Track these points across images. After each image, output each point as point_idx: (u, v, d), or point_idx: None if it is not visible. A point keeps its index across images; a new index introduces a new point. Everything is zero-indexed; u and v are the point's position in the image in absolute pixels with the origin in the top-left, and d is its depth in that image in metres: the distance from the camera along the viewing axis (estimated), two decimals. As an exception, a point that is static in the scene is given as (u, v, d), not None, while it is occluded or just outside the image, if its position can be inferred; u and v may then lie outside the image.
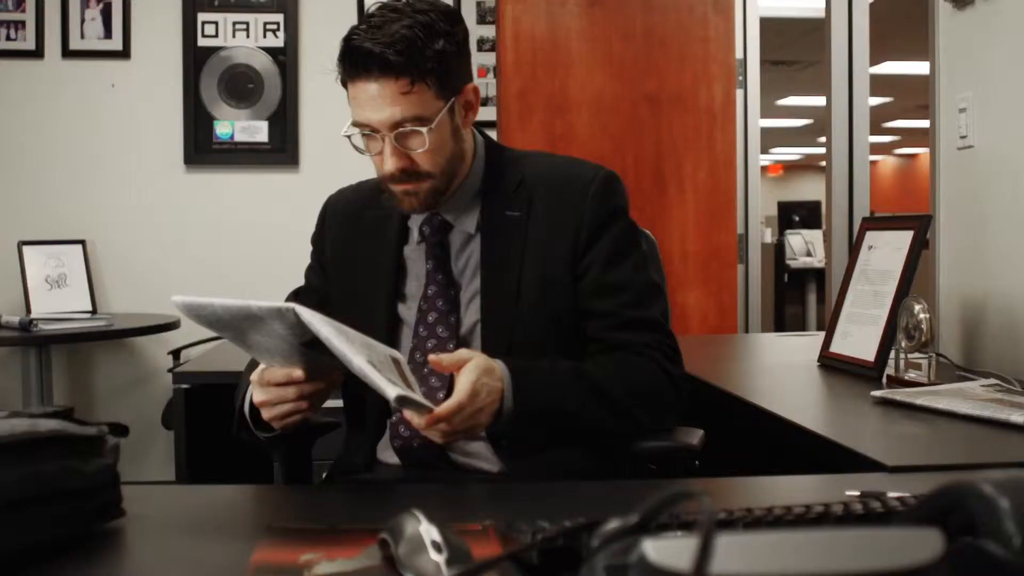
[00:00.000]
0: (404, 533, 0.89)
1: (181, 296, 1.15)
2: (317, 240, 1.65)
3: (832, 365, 2.19)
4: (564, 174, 1.53)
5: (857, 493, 1.13)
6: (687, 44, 3.60)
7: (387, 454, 1.51)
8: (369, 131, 1.41)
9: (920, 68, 8.79)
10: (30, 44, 3.75)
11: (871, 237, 2.23)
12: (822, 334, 2.88)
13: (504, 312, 1.47)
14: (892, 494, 1.04)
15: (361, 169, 1.59)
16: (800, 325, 7.17)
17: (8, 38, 3.75)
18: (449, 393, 1.31)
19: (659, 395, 1.47)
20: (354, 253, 1.58)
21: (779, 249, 7.19)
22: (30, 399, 3.29)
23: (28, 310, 3.52)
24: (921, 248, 2.06)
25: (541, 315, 1.47)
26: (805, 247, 7.59)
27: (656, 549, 0.55)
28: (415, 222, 1.54)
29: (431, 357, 1.28)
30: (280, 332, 1.16)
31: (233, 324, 1.17)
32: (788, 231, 7.79)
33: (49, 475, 0.94)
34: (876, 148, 9.87)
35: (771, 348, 2.88)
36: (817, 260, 7.53)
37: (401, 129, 1.38)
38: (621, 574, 0.58)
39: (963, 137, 2.28)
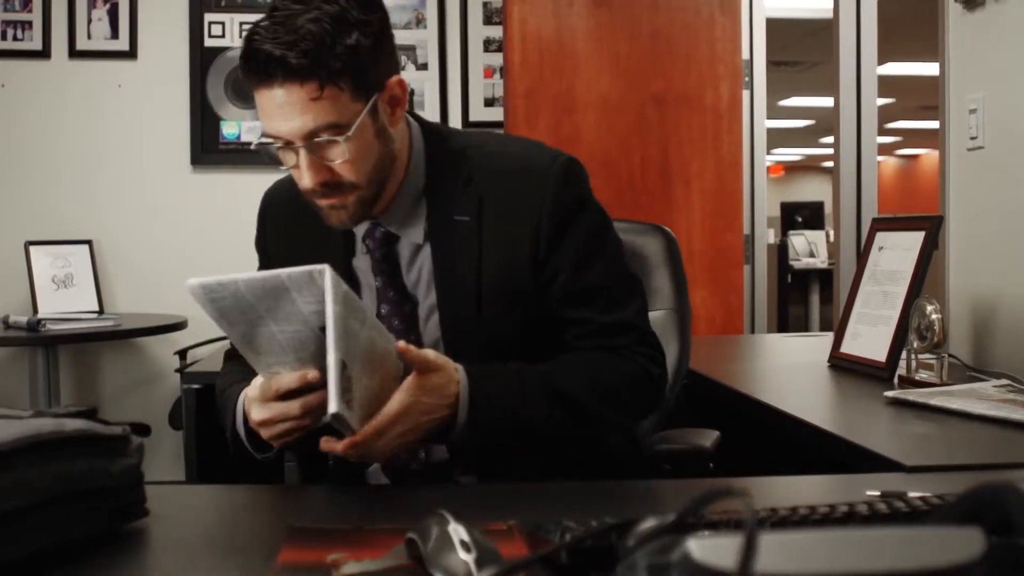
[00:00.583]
0: (432, 533, 0.89)
1: (198, 278, 1.07)
2: (260, 244, 1.51)
3: (842, 366, 2.19)
4: (517, 165, 1.36)
5: (878, 493, 1.14)
6: (694, 45, 3.60)
7: (377, 475, 1.44)
8: (282, 143, 1.25)
9: (922, 69, 8.81)
10: (37, 44, 3.75)
11: (881, 238, 2.23)
12: (830, 335, 2.89)
13: (465, 327, 1.35)
14: (913, 494, 1.04)
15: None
16: (803, 326, 7.17)
17: (15, 38, 3.75)
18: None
19: (636, 396, 1.38)
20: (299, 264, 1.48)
21: (782, 250, 7.19)
22: (37, 399, 3.29)
23: (35, 310, 3.52)
24: (933, 249, 2.07)
25: (506, 326, 1.35)
26: (808, 248, 7.59)
27: (701, 548, 0.55)
28: (359, 231, 1.38)
29: (400, 344, 1.18)
30: (302, 311, 1.10)
31: (251, 309, 1.10)
32: (791, 232, 7.80)
33: (76, 475, 0.94)
34: (878, 149, 9.85)
35: (779, 349, 2.89)
36: (820, 261, 7.53)
37: (316, 139, 1.23)
38: (663, 573, 0.58)
39: (973, 138, 2.28)
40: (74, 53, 3.77)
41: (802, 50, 7.96)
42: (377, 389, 1.18)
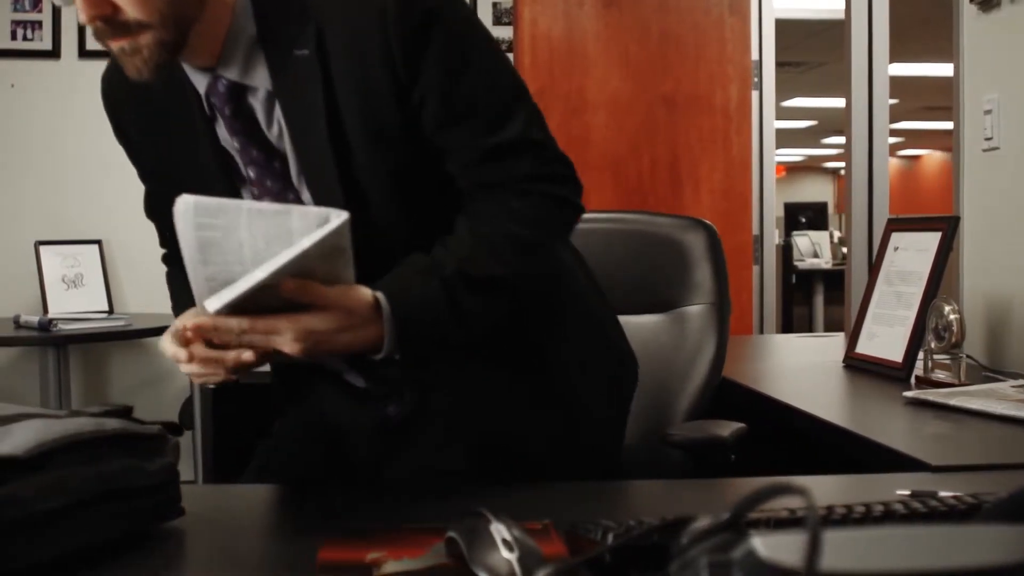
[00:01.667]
0: (473, 532, 0.89)
1: (194, 196, 0.99)
2: (119, 133, 1.36)
3: (858, 366, 2.20)
4: None
5: (908, 492, 1.14)
6: (703, 45, 3.61)
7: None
8: None
9: (924, 70, 8.81)
10: (47, 44, 3.75)
11: (896, 238, 2.24)
12: (840, 335, 2.89)
13: (331, 183, 1.19)
14: (944, 493, 1.05)
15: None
16: (807, 327, 7.18)
17: (25, 38, 3.75)
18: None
19: (549, 230, 1.23)
20: (167, 152, 1.28)
21: (786, 250, 7.20)
22: (48, 399, 3.30)
23: (45, 310, 3.52)
24: (949, 249, 2.07)
25: (379, 175, 1.19)
26: (812, 248, 7.60)
27: (766, 545, 0.55)
28: (201, 89, 1.21)
29: (289, 283, 1.03)
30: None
31: (236, 252, 1.00)
32: (795, 232, 7.81)
33: (115, 474, 0.94)
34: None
35: (791, 349, 2.89)
36: (824, 261, 7.54)
37: None
38: (724, 570, 0.58)
39: (988, 139, 2.28)
40: (84, 53, 3.77)
41: (804, 51, 7.97)
42: None
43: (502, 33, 3.85)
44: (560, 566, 0.67)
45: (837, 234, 8.40)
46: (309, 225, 1.01)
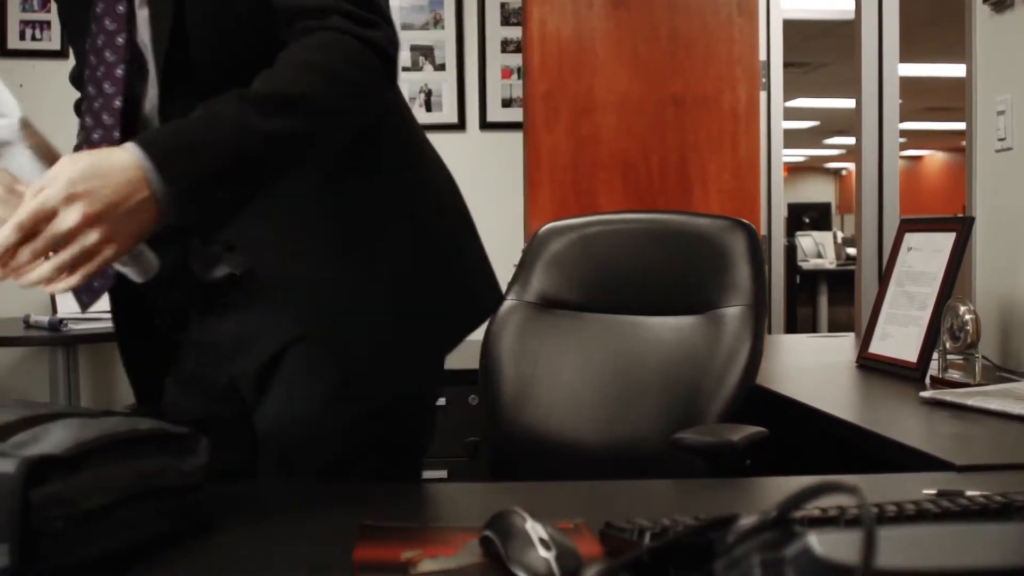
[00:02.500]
0: (509, 531, 0.89)
1: None
2: None
3: (871, 366, 2.20)
4: None
5: (934, 491, 1.14)
6: (712, 46, 3.60)
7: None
8: None
9: (926, 70, 8.82)
10: (55, 44, 3.75)
11: (910, 239, 2.24)
12: (850, 335, 2.89)
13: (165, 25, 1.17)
14: (971, 493, 1.05)
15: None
16: (811, 327, 7.18)
17: (33, 38, 3.75)
18: None
19: (355, 67, 1.15)
20: None
21: (790, 251, 7.20)
22: (57, 399, 3.30)
23: (55, 310, 3.52)
24: (964, 250, 2.07)
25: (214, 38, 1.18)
26: (816, 249, 7.61)
27: (822, 542, 0.55)
28: None
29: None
30: None
31: None
32: (798, 233, 7.81)
33: (151, 473, 0.94)
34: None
35: (802, 349, 2.90)
36: (828, 262, 7.54)
37: None
38: (776, 568, 0.59)
39: (1001, 139, 2.29)
40: (92, 53, 3.77)
41: (807, 52, 7.97)
42: None
43: (511, 33, 3.86)
44: (610, 564, 0.67)
45: (841, 234, 8.40)
46: None
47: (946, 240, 2.12)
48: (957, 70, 9.11)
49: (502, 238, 3.90)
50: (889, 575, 0.54)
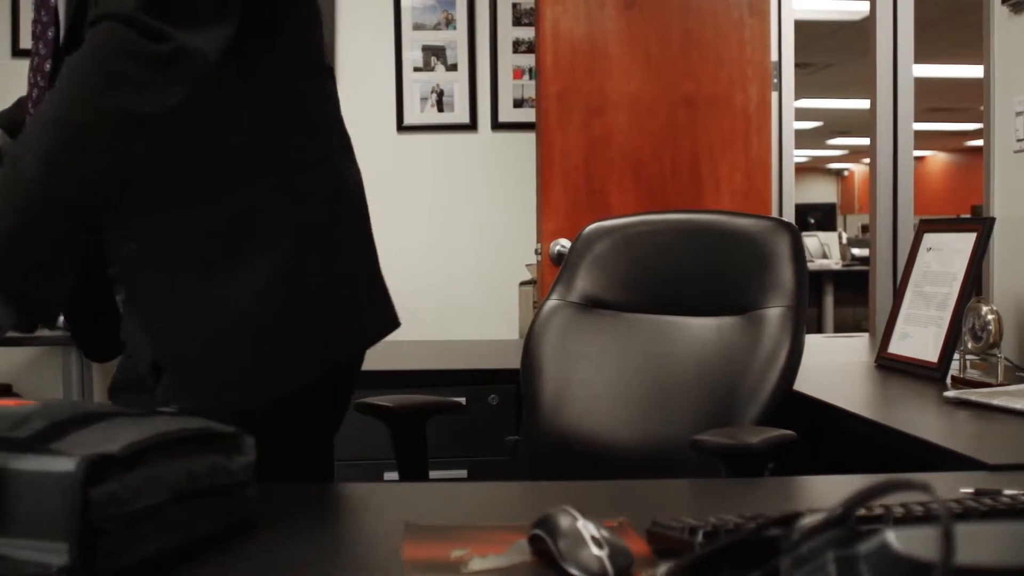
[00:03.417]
0: (560, 529, 0.90)
1: None
2: None
3: (891, 366, 2.21)
4: None
5: (971, 491, 1.15)
6: (723, 46, 3.61)
7: None
8: None
9: (929, 71, 8.83)
10: (67, 45, 3.76)
11: (929, 239, 2.25)
12: (864, 336, 2.90)
13: None
14: (1009, 492, 1.05)
15: (393, 178, 1.58)
16: (817, 327, 7.19)
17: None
18: None
19: (115, 66, 1.04)
20: None
21: (796, 251, 7.19)
22: (71, 397, 3.30)
23: (67, 310, 3.53)
24: (985, 250, 2.08)
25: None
26: (821, 249, 7.61)
27: (901, 539, 0.56)
28: None
29: None
30: None
31: None
32: (804, 233, 7.80)
33: (203, 471, 0.95)
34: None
35: (818, 349, 2.89)
36: (833, 262, 7.55)
37: None
38: (852, 564, 0.59)
39: (1020, 140, 2.29)
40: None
41: (811, 53, 7.99)
42: None
43: (523, 34, 3.86)
44: (681, 561, 0.68)
45: (846, 235, 8.41)
46: None
47: (965, 240, 2.13)
48: (959, 71, 9.08)
49: (513, 238, 3.90)
50: (967, 572, 0.54)
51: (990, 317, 1.96)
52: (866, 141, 3.44)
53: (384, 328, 1.37)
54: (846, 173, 18.37)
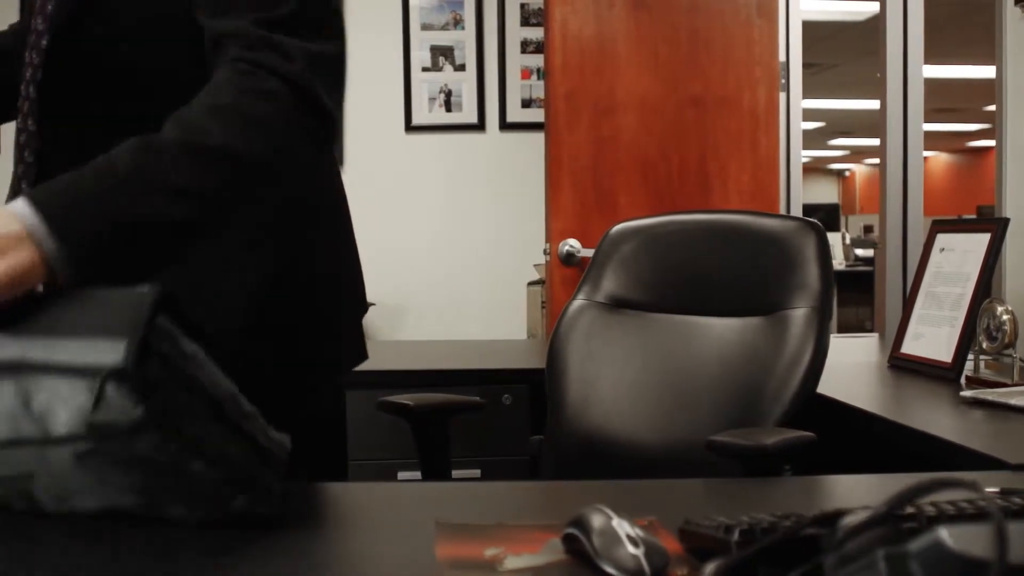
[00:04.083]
0: (595, 528, 0.90)
1: None
2: None
3: (904, 366, 2.21)
4: None
5: (997, 490, 1.15)
6: (731, 47, 3.61)
7: None
8: None
9: (931, 72, 8.84)
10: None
11: (942, 240, 2.25)
12: (873, 336, 2.90)
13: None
14: (1035, 491, 1.06)
15: (401, 178, 1.58)
16: (820, 327, 7.17)
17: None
18: None
19: (257, 106, 1.04)
20: None
21: (799, 252, 7.19)
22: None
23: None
24: (999, 251, 2.09)
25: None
26: (825, 249, 7.59)
27: (954, 537, 0.56)
28: None
29: None
30: None
31: None
32: (806, 234, 7.79)
33: (246, 411, 0.97)
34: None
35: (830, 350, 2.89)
36: (837, 263, 7.55)
37: None
38: (902, 562, 0.59)
39: (1033, 140, 2.30)
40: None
41: (814, 53, 7.99)
42: None
43: (531, 34, 3.87)
44: (729, 559, 0.68)
45: (849, 236, 8.41)
46: None
47: (977, 241, 2.13)
48: (961, 72, 9.05)
49: (521, 238, 3.91)
50: (1022, 571, 0.55)
51: (1005, 317, 1.96)
52: (868, 141, 3.45)
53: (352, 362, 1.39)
54: (847, 173, 18.38)
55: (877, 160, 3.85)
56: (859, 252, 7.54)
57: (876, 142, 3.51)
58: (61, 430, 0.87)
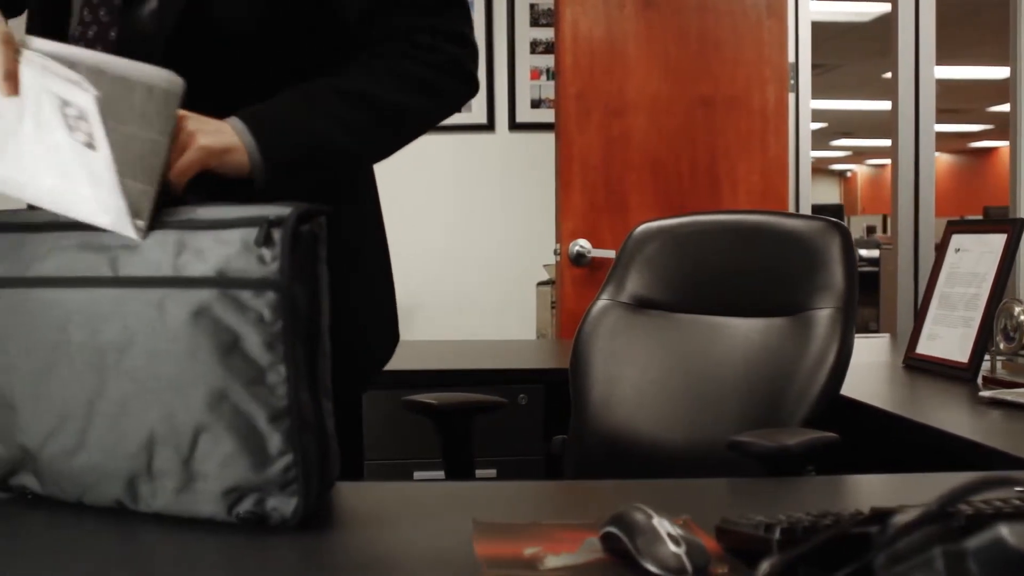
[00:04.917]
0: (636, 527, 0.90)
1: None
2: None
3: (919, 366, 2.21)
4: None
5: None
6: (741, 47, 3.62)
7: None
8: None
9: (937, 73, 8.86)
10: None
11: (957, 240, 2.26)
12: (885, 336, 2.91)
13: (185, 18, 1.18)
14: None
15: (411, 178, 1.58)
16: (824, 328, 7.17)
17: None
18: None
19: (442, 79, 1.29)
20: None
21: (804, 252, 7.18)
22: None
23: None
24: (1016, 251, 2.09)
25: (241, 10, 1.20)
26: (828, 250, 7.60)
27: (1015, 534, 0.56)
28: None
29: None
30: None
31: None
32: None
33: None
34: (888, 152, 9.93)
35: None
36: (841, 263, 7.53)
37: None
38: (961, 560, 0.59)
39: (1048, 141, 2.30)
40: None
41: (817, 54, 7.99)
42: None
43: (540, 34, 3.87)
44: (783, 557, 0.68)
45: (852, 236, 8.39)
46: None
47: (994, 241, 2.14)
48: (962, 72, 9.02)
49: (531, 238, 3.91)
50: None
51: (1023, 318, 1.96)
52: (870, 142, 3.45)
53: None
54: (849, 174, 18.39)
55: (879, 161, 3.84)
56: (864, 253, 7.54)
57: (878, 143, 3.53)
58: (194, 272, 0.96)
